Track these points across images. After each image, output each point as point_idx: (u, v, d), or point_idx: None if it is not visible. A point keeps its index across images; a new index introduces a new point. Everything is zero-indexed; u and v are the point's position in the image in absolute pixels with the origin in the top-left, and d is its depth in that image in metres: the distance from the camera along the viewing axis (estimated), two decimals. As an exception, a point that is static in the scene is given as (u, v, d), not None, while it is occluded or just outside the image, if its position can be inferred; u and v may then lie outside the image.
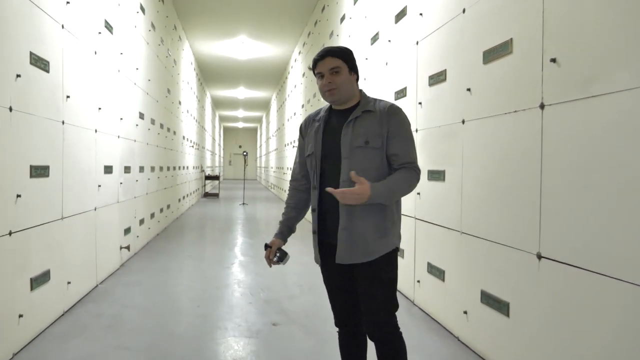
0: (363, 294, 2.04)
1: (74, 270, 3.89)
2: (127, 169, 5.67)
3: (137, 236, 6.23)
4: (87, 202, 4.22)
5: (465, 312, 3.17)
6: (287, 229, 2.22)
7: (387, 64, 4.87)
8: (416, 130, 4.00)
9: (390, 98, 4.58)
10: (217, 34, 11.67)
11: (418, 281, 3.98)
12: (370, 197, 1.87)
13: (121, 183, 5.39)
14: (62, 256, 3.63)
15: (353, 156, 1.99)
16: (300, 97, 11.66)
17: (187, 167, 11.99)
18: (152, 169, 7.28)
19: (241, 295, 4.33)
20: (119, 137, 5.29)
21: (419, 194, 3.94)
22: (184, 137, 11.29)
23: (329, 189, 1.90)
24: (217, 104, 23.59)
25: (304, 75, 11.16)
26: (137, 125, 6.19)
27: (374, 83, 5.27)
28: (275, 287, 4.65)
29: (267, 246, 2.16)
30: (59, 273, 3.57)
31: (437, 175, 3.64)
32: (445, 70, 3.54)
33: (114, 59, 5.06)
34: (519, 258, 2.58)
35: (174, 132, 9.65)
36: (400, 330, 2.05)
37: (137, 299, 4.20)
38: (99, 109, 4.54)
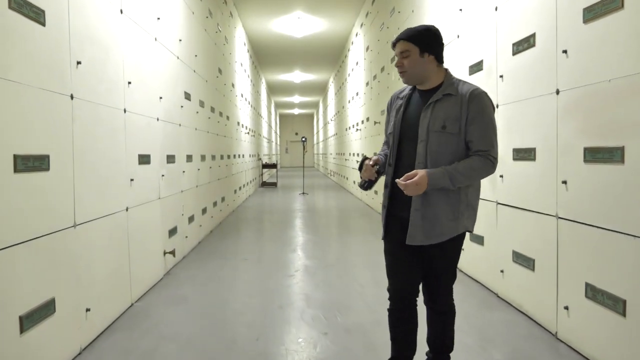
0: (429, 272, 2.15)
1: (96, 292, 2.99)
2: (170, 159, 4.76)
3: (186, 237, 5.35)
4: (114, 202, 3.31)
5: (566, 308, 2.73)
6: (381, 157, 2.25)
7: (458, 36, 4.45)
8: (497, 106, 3.55)
9: (463, 73, 4.22)
10: (271, 10, 10.66)
11: (502, 271, 3.58)
12: (430, 182, 1.93)
13: (163, 175, 4.48)
14: (75, 276, 2.72)
15: (429, 140, 2.02)
16: (364, 75, 10.48)
17: (243, 156, 11.14)
18: (203, 157, 6.39)
19: (313, 320, 3.29)
20: (158, 119, 4.37)
21: (501, 176, 3.55)
22: (238, 123, 10.42)
23: (397, 181, 1.97)
24: (272, 89, 22.78)
25: (367, 49, 9.96)
26: (182, 107, 5.28)
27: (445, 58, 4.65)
28: (355, 305, 3.58)
29: (364, 158, 2.15)
30: (70, 299, 2.66)
31: (525, 154, 3.20)
32: (534, 34, 3.07)
33: (148, 23, 4.11)
34: None
35: (227, 117, 8.77)
36: (453, 300, 2.21)
37: (179, 324, 3.26)
38: (129, 83, 3.61)
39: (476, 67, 4.02)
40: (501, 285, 3.62)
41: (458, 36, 4.43)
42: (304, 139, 13.57)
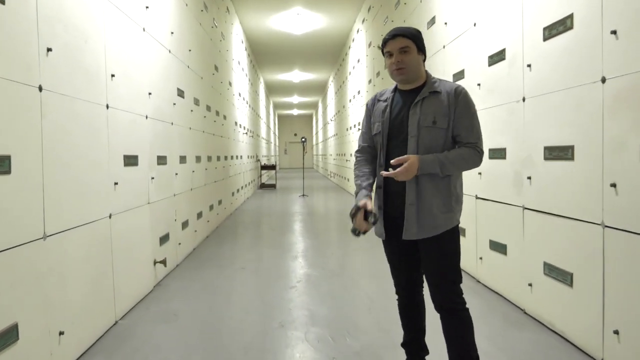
0: (428, 267, 2.14)
1: (71, 312, 2.61)
2: (161, 160, 4.39)
3: (179, 244, 4.98)
4: (94, 208, 2.94)
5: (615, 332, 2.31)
6: (369, 190, 2.18)
7: (475, 24, 4.11)
8: (523, 99, 3.27)
9: (482, 64, 3.94)
10: (269, 5, 10.30)
11: (530, 284, 2.72)
12: (420, 167, 2.00)
13: (153, 178, 4.11)
14: (44, 296, 2.34)
15: (420, 135, 2.06)
16: (365, 72, 10.11)
17: (241, 157, 10.77)
18: (198, 159, 6.01)
19: (318, 342, 2.91)
20: (147, 117, 4.00)
21: (529, 178, 3.19)
22: (236, 123, 10.05)
23: (383, 173, 2.03)
24: (271, 89, 22.40)
25: (369, 45, 9.60)
26: (174, 104, 4.90)
27: (457, 49, 4.53)
28: (365, 323, 3.21)
29: (357, 208, 2.08)
30: (37, 323, 2.28)
31: (560, 153, 2.83)
32: (571, 15, 2.71)
33: (135, 11, 3.74)
34: None
35: (224, 117, 8.39)
36: (467, 306, 2.11)
37: (167, 347, 2.88)
38: (112, 76, 3.24)
39: (497, 57, 3.66)
40: (529, 301, 3.25)
41: (474, 24, 4.08)
42: (303, 140, 13.19)
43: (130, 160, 3.57)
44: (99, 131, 3.04)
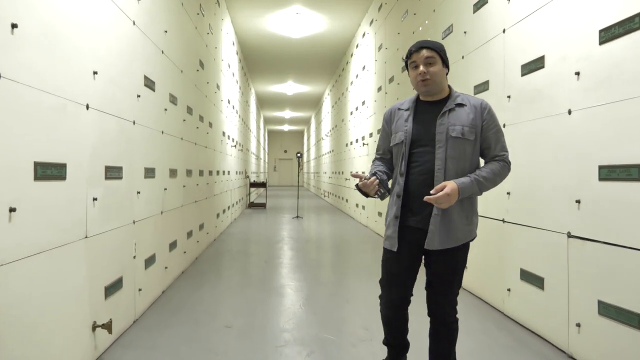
0: (437, 278, 2.17)
1: None
2: (112, 172, 3.03)
3: (140, 289, 3.58)
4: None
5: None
6: (382, 176, 2.23)
7: (504, 31, 3.62)
8: (569, 112, 2.77)
9: (513, 74, 3.47)
10: (265, 3, 9.06)
11: (578, 324, 2.72)
12: (461, 192, 2.02)
13: (95, 199, 2.74)
14: None
15: (448, 145, 2.08)
16: (374, 80, 8.86)
17: (229, 172, 9.39)
18: (173, 172, 4.65)
19: None
20: (88, 107, 2.65)
21: (578, 201, 2.70)
22: (224, 134, 8.70)
23: (427, 198, 2.00)
24: (262, 102, 21.14)
25: (379, 49, 8.37)
26: (138, 96, 3.56)
27: (479, 60, 4.08)
28: None
29: (374, 174, 2.16)
30: None
31: (622, 173, 2.33)
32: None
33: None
34: None
35: (210, 124, 7.05)
36: (457, 313, 2.22)
37: None
38: (13, 25, 1.90)
39: (533, 66, 3.18)
40: (577, 344, 2.76)
41: (504, 31, 3.48)
42: (299, 155, 11.86)
43: (50, 171, 2.21)
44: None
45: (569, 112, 2.75)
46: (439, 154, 2.07)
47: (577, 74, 2.65)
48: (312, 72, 14.98)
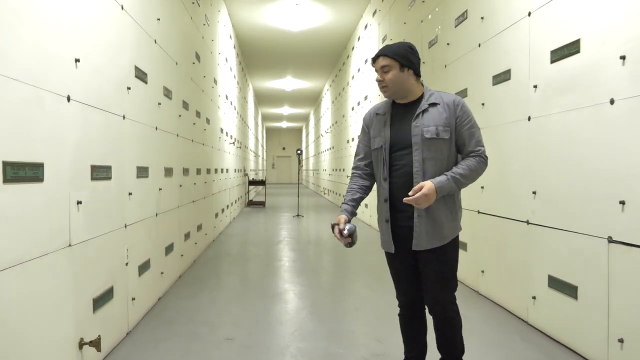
0: (428, 275, 2.18)
1: None
2: (100, 172, 2.72)
3: (133, 299, 3.28)
4: None
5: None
6: (351, 208, 2.26)
7: (529, 14, 3.36)
8: (611, 102, 2.46)
9: (542, 63, 3.14)
10: (264, -8, 8.74)
11: (620, 340, 1.50)
12: (438, 191, 2.04)
13: (80, 202, 2.43)
14: None
15: (424, 147, 2.11)
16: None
17: (227, 170, 9.09)
18: (168, 171, 4.34)
19: None
20: (69, 99, 2.34)
21: (622, 202, 2.38)
22: (222, 130, 8.39)
23: (405, 200, 2.03)
24: (260, 99, 20.81)
25: (384, 40, 8.06)
26: (128, 88, 3.25)
27: (499, 47, 3.82)
28: None
29: (332, 225, 2.15)
30: None
31: None
32: None
33: None
34: None
35: (208, 120, 6.74)
36: (458, 307, 2.23)
37: None
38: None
39: (566, 51, 2.87)
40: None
41: (529, 13, 3.17)
42: (299, 152, 11.55)
43: (20, 172, 1.90)
44: None
45: (612, 101, 2.45)
46: (416, 156, 2.11)
47: (623, 57, 2.35)
48: (311, 66, 14.65)
